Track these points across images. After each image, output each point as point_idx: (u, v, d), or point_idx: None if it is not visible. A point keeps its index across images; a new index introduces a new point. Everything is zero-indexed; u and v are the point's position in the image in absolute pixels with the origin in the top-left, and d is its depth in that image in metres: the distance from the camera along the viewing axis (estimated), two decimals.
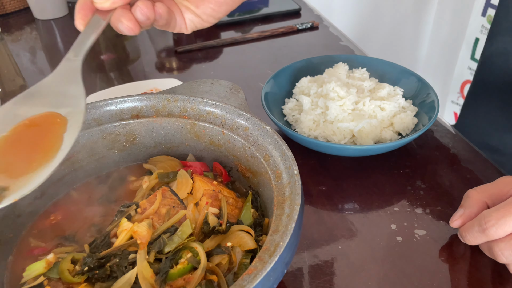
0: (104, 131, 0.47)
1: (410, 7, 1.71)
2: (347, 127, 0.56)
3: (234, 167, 0.47)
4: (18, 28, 1.01)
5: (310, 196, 0.52)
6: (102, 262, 0.36)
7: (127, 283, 0.35)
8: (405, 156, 0.58)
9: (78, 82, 0.34)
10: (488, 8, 1.39)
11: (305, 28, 0.94)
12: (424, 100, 0.61)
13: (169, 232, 0.38)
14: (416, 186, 0.53)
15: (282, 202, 0.36)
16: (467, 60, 1.53)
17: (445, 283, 0.42)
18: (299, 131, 0.59)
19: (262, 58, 0.84)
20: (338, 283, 0.42)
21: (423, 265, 0.44)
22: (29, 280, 0.37)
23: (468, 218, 0.43)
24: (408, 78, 0.65)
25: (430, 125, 0.54)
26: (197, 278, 0.35)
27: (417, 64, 1.88)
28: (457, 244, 0.45)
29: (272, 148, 0.41)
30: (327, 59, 0.69)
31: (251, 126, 0.44)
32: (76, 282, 0.36)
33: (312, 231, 0.48)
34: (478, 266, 0.43)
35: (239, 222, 0.41)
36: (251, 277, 0.29)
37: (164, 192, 0.42)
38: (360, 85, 0.62)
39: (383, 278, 0.42)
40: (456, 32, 1.62)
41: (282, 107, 0.64)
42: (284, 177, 0.38)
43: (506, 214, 0.38)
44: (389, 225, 0.48)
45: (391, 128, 0.58)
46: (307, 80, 0.65)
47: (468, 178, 0.54)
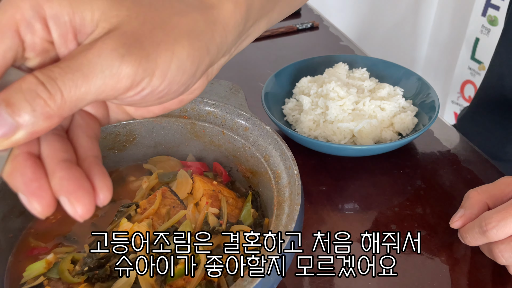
0: (104, 131, 0.47)
1: (410, 7, 1.71)
2: (347, 127, 0.56)
3: (234, 167, 0.47)
4: None
5: (310, 196, 0.52)
6: (102, 262, 0.36)
7: (127, 283, 0.35)
8: (405, 156, 0.58)
9: None
10: (488, 8, 1.39)
11: (305, 28, 0.94)
12: (424, 100, 0.61)
13: (169, 232, 0.38)
14: (416, 186, 0.53)
15: (282, 202, 0.36)
16: (467, 60, 1.53)
17: (445, 283, 0.42)
18: (299, 131, 0.59)
19: (262, 58, 0.84)
20: (338, 283, 0.42)
21: (423, 265, 0.44)
22: (29, 280, 0.37)
23: (468, 219, 0.43)
24: (408, 78, 0.65)
25: (430, 125, 0.54)
26: (197, 278, 0.35)
27: (417, 64, 1.88)
28: (457, 245, 0.45)
29: (272, 148, 0.41)
30: (327, 59, 0.69)
31: (251, 126, 0.44)
32: (76, 282, 0.36)
33: (312, 231, 0.48)
34: (478, 266, 0.43)
35: (239, 222, 0.41)
36: (251, 277, 0.29)
37: (164, 192, 0.42)
38: (360, 85, 0.62)
39: (383, 278, 0.42)
40: (456, 32, 1.62)
41: (282, 107, 0.64)
42: (284, 177, 0.38)
43: (506, 216, 0.38)
44: (389, 225, 0.48)
45: (391, 128, 0.58)
46: (307, 80, 0.65)
47: (469, 178, 0.54)
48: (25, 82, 0.20)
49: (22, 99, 0.19)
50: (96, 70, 0.20)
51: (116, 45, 0.21)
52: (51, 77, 0.20)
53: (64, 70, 0.20)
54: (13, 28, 0.20)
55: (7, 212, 0.41)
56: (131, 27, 0.22)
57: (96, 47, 0.21)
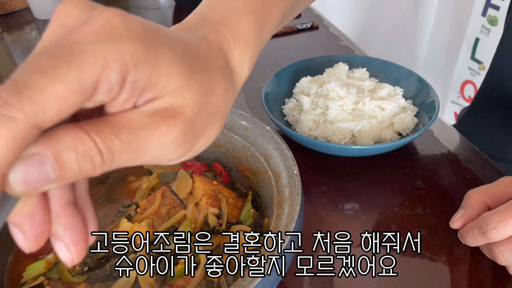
0: None
1: (410, 7, 1.71)
2: (347, 127, 0.56)
3: (234, 167, 0.47)
4: (18, 28, 1.01)
5: (310, 196, 0.52)
6: (102, 262, 0.36)
7: (127, 283, 0.35)
8: (405, 156, 0.58)
9: None
10: (488, 8, 1.39)
11: (305, 28, 0.94)
12: (424, 100, 0.61)
13: (169, 232, 0.38)
14: (416, 186, 0.53)
15: (282, 202, 0.36)
16: (467, 60, 1.53)
17: (445, 283, 0.42)
18: (299, 131, 0.59)
19: (262, 58, 0.83)
20: (338, 283, 0.42)
21: (423, 265, 0.44)
22: (29, 280, 0.37)
23: (468, 219, 0.43)
24: (408, 78, 0.65)
25: (430, 125, 0.54)
26: (197, 278, 0.35)
27: (417, 64, 1.88)
28: (457, 245, 0.45)
29: (272, 148, 0.41)
30: (327, 59, 0.69)
31: (251, 126, 0.44)
32: (76, 282, 0.36)
33: (312, 231, 0.48)
34: (478, 266, 0.43)
35: (239, 222, 0.41)
36: (251, 277, 0.29)
37: (164, 192, 0.42)
38: (360, 85, 0.62)
39: (383, 278, 0.42)
40: (456, 32, 1.62)
41: (282, 107, 0.64)
42: (284, 177, 0.38)
43: (506, 216, 0.38)
44: (389, 225, 0.48)
45: (391, 128, 0.58)
46: (307, 80, 0.65)
47: (469, 178, 0.54)
48: (81, 143, 0.18)
49: (74, 163, 0.18)
50: (152, 152, 0.21)
51: (179, 135, 0.21)
52: (110, 150, 0.19)
53: (124, 146, 0.20)
54: (94, 86, 0.18)
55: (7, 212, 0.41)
56: (192, 114, 0.22)
57: (161, 132, 0.21)
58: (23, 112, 0.16)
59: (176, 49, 0.22)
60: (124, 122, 0.20)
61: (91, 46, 0.18)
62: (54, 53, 0.18)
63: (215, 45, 0.26)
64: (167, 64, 0.21)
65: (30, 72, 0.17)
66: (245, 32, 0.29)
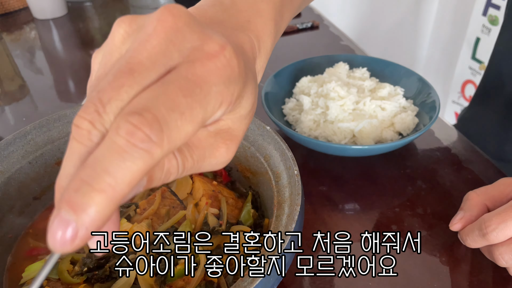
0: None
1: (411, 7, 1.71)
2: (348, 127, 0.56)
3: (234, 167, 0.47)
4: (17, 28, 1.01)
5: (310, 196, 0.52)
6: (101, 262, 0.36)
7: (127, 283, 0.35)
8: (406, 156, 0.58)
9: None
10: (489, 8, 1.39)
11: (306, 28, 0.94)
12: (424, 100, 0.61)
13: (169, 232, 0.38)
14: (417, 187, 0.53)
15: (282, 202, 0.36)
16: (468, 60, 1.53)
17: (445, 284, 0.42)
18: (299, 131, 0.59)
19: None
20: (338, 283, 0.42)
21: (424, 266, 0.43)
22: (28, 281, 0.37)
23: (468, 221, 0.43)
24: (409, 78, 0.65)
25: (431, 125, 0.54)
26: (197, 278, 0.35)
27: (417, 63, 1.88)
28: (457, 245, 0.45)
29: (272, 148, 0.41)
30: (328, 59, 0.69)
31: (251, 126, 0.44)
32: (76, 283, 0.36)
33: (312, 231, 0.48)
34: (479, 267, 0.43)
35: (239, 223, 0.40)
36: (251, 277, 0.29)
37: (164, 193, 0.42)
38: (361, 85, 0.62)
39: (383, 278, 0.42)
40: (456, 31, 1.62)
41: (282, 107, 0.64)
42: (284, 177, 0.38)
43: (506, 218, 0.38)
44: (389, 225, 0.48)
45: (391, 128, 0.58)
46: (307, 80, 0.65)
47: (469, 178, 0.54)
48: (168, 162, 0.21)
49: (160, 179, 0.21)
50: (206, 168, 0.23)
51: (231, 155, 0.24)
52: (184, 167, 0.21)
53: (194, 164, 0.22)
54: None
55: (7, 212, 0.41)
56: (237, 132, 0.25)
57: (221, 153, 0.23)
58: (161, 150, 0.18)
59: (255, 81, 0.25)
60: (195, 142, 0.22)
61: (217, 88, 0.20)
62: (187, 90, 0.19)
63: (250, 58, 0.27)
64: (248, 97, 0.24)
65: (171, 110, 0.18)
66: (267, 41, 0.30)
